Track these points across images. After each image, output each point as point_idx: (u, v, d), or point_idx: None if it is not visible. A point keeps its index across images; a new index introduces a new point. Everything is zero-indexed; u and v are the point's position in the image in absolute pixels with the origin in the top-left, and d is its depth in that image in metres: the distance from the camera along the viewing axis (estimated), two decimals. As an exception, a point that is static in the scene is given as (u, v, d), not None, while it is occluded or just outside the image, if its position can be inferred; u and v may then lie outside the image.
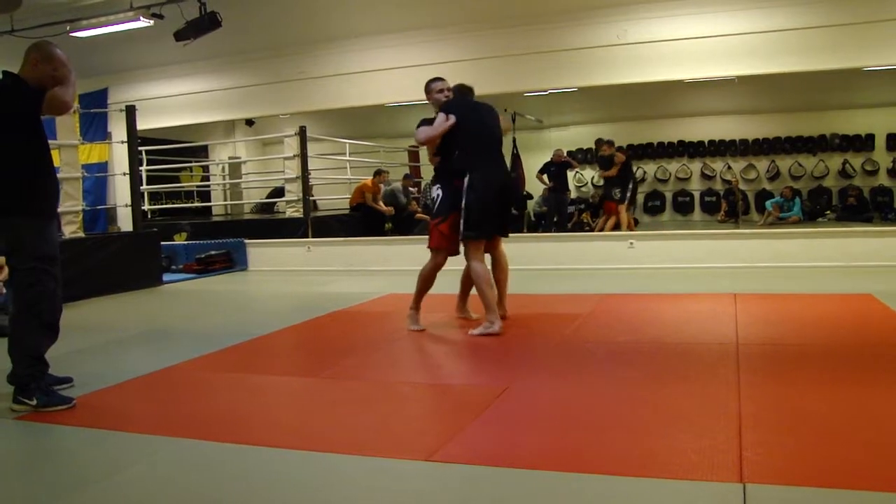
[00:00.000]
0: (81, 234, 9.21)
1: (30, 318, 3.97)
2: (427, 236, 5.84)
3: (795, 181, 15.61)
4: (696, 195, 16.78)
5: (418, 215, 13.26)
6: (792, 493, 2.50)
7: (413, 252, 9.56)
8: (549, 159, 13.84)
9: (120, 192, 11.94)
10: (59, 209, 8.16)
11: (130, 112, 9.75)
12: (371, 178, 13.16)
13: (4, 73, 4.04)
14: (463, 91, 5.83)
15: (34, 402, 3.87)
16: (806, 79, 11.60)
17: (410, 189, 14.36)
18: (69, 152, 9.08)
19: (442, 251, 5.72)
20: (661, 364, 4.50)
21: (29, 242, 3.95)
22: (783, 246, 9.10)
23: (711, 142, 16.59)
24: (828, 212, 14.80)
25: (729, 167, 16.39)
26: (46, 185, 4.11)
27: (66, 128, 9.08)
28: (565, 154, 14.46)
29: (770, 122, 15.98)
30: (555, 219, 13.68)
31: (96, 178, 12.38)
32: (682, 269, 8.92)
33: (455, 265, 5.84)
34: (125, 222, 11.78)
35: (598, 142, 13.78)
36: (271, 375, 4.72)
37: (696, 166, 16.81)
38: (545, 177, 13.83)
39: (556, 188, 13.73)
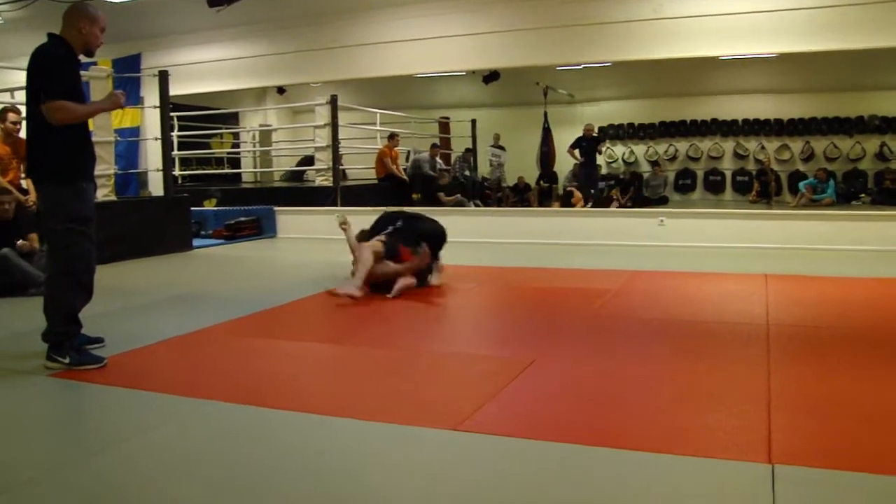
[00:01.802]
0: (113, 198, 9.28)
1: (65, 279, 4.03)
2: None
3: (830, 163, 15.34)
4: (728, 174, 16.55)
5: (440, 196, 13.15)
6: (821, 476, 2.48)
7: (442, 223, 9.57)
8: (580, 134, 13.72)
9: (152, 156, 12.00)
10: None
11: (163, 77, 9.78)
12: (386, 143, 13.17)
13: (50, 35, 4.05)
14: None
15: (67, 361, 3.95)
16: (845, 57, 11.39)
17: (438, 161, 14.30)
18: (102, 116, 9.09)
19: None
20: (691, 342, 4.47)
21: (66, 204, 4.00)
22: (816, 228, 8.98)
23: (745, 121, 16.32)
24: (863, 195, 14.54)
25: (762, 147, 16.15)
26: (84, 149, 4.15)
27: (100, 92, 9.11)
28: (596, 129, 14.34)
29: (806, 101, 15.69)
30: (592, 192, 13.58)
31: (129, 143, 12.44)
32: (713, 248, 8.83)
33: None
34: (156, 187, 11.83)
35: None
36: (299, 341, 4.75)
37: (728, 145, 16.56)
38: (577, 151, 13.71)
39: (587, 163, 13.62)
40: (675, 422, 3.05)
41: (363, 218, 10.42)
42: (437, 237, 6.60)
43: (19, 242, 6.49)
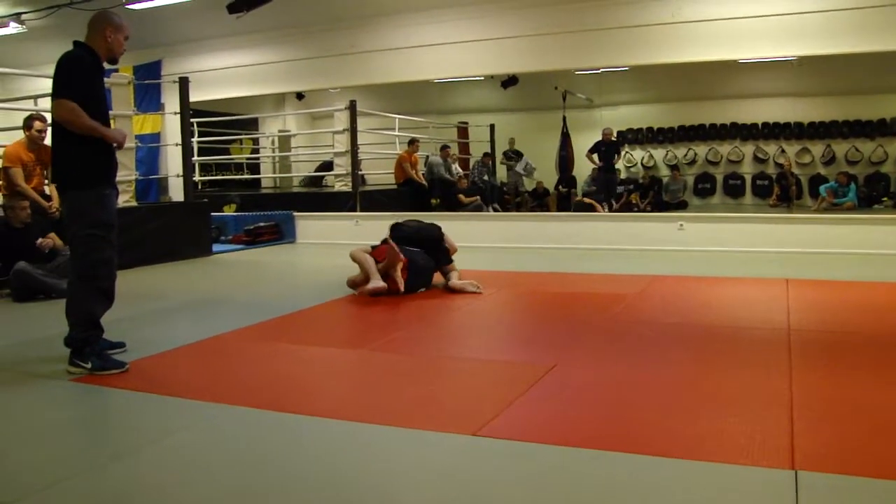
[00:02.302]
0: (134, 204, 9.35)
1: (86, 284, 4.07)
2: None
3: (852, 166, 15.22)
4: (748, 178, 16.46)
5: (460, 197, 13.17)
6: (846, 483, 2.45)
7: (460, 228, 9.56)
8: (599, 138, 13.66)
9: (172, 162, 12.10)
10: (114, 178, 8.31)
11: (183, 84, 9.84)
12: (406, 148, 13.22)
13: (76, 43, 4.10)
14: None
15: (89, 366, 4.01)
16: (866, 60, 11.29)
17: (451, 163, 14.30)
18: (123, 123, 9.18)
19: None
20: (711, 347, 4.44)
21: (87, 210, 4.05)
22: (837, 232, 8.91)
23: (765, 124, 16.22)
24: (885, 199, 14.39)
25: (782, 150, 16.05)
26: (107, 156, 4.18)
27: (121, 98, 9.21)
28: (615, 134, 14.28)
29: (827, 104, 15.56)
30: (612, 198, 13.50)
31: (149, 149, 12.55)
32: (733, 252, 8.78)
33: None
34: (176, 192, 11.93)
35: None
36: (319, 347, 4.75)
37: (748, 149, 16.47)
38: (595, 156, 13.64)
39: (606, 168, 13.57)
40: (697, 427, 3.03)
41: (381, 223, 10.47)
42: (424, 238, 6.68)
43: (39, 241, 6.56)
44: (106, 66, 4.23)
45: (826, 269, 7.40)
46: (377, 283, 6.04)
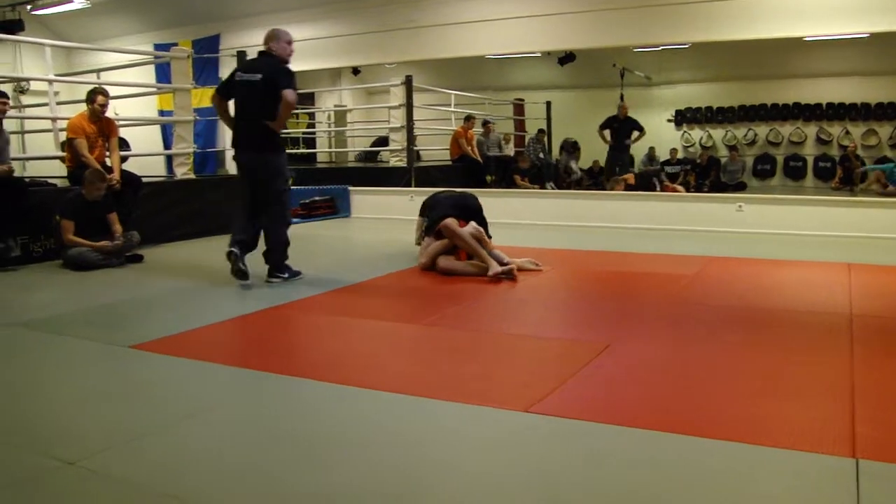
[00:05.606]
0: (192, 176, 9.48)
1: (284, 223, 5.90)
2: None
3: (920, 149, 14.78)
4: (810, 160, 16.08)
5: (516, 177, 13.06)
6: (910, 473, 2.39)
7: (515, 205, 9.52)
8: (635, 116, 13.18)
9: (229, 136, 12.19)
10: (172, 151, 8.83)
11: (241, 58, 9.90)
12: (462, 124, 13.16)
13: (264, 53, 5.85)
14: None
15: (286, 275, 5.83)
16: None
17: (500, 139, 14.19)
18: (182, 96, 9.33)
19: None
20: (769, 331, 4.36)
21: (284, 169, 5.87)
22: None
23: (830, 104, 15.81)
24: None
25: (847, 132, 15.64)
26: None
27: (181, 72, 9.33)
28: (671, 113, 13.98)
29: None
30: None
31: (207, 122, 12.68)
32: (793, 235, 8.58)
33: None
34: (233, 166, 12.03)
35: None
36: (373, 320, 4.77)
37: (811, 130, 16.09)
38: (607, 132, 12.86)
39: (617, 146, 12.87)
40: (753, 410, 2.97)
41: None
42: (464, 207, 6.54)
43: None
44: (164, 40, 4.61)
45: (891, 255, 7.19)
46: (496, 269, 5.88)
